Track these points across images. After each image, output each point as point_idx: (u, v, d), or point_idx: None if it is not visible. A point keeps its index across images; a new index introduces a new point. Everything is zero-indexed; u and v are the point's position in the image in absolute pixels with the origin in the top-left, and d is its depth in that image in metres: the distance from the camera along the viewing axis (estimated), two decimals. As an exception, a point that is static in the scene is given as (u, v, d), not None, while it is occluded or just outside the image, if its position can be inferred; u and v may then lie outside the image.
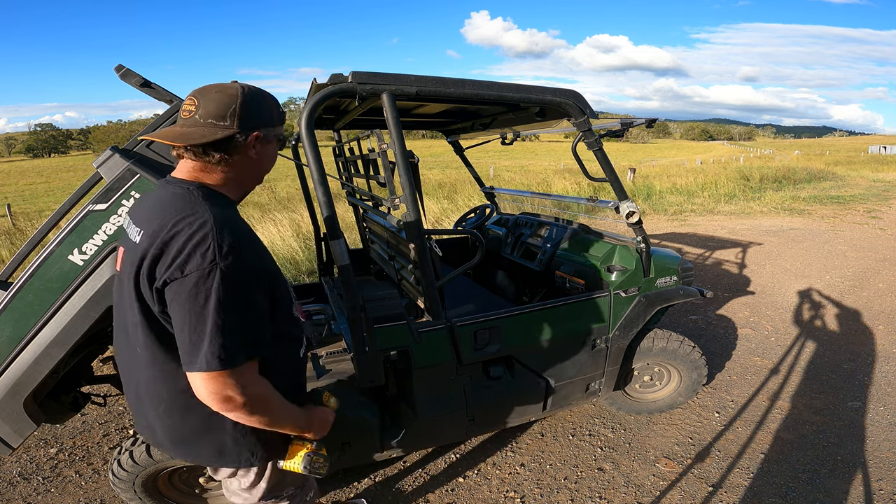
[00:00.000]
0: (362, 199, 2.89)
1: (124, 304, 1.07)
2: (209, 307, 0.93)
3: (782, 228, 8.29)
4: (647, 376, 2.80)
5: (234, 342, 0.95)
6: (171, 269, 0.94)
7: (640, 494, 2.26)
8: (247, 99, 1.04)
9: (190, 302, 0.93)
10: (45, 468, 2.49)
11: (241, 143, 1.05)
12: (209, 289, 0.93)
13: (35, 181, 31.43)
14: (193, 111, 1.02)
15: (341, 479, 2.34)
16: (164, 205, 1.03)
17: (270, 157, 1.16)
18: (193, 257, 0.93)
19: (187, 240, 0.95)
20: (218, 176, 1.09)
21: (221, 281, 0.94)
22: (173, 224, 0.97)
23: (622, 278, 2.38)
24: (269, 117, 1.10)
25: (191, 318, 0.94)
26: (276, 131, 1.13)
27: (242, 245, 0.99)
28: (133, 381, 1.16)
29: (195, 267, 0.93)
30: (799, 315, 4.38)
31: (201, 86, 1.06)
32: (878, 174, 19.86)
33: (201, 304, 0.93)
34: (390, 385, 2.07)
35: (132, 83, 1.69)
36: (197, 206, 1.01)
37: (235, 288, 0.96)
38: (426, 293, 1.91)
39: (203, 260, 0.93)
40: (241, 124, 1.03)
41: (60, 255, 1.56)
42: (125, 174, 1.56)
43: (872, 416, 2.82)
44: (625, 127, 2.24)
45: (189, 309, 0.94)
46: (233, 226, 1.01)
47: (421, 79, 1.72)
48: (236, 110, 1.02)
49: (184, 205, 1.01)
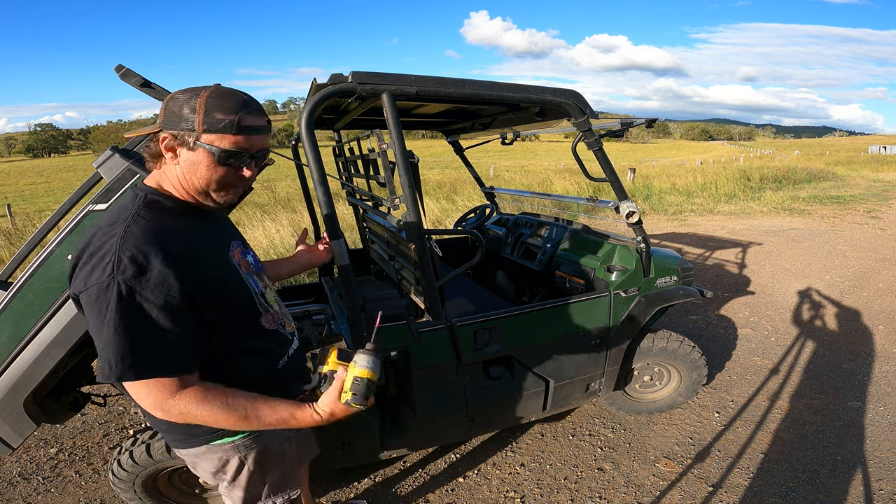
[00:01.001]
0: (362, 199, 2.89)
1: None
2: (108, 323, 0.91)
3: (782, 228, 8.29)
4: (647, 376, 2.81)
5: (131, 359, 0.92)
6: (77, 282, 0.95)
7: (640, 494, 2.26)
8: (183, 97, 0.99)
9: (94, 315, 0.93)
10: (45, 468, 2.49)
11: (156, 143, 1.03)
12: (106, 304, 0.91)
13: (35, 181, 31.43)
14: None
15: (341, 479, 2.34)
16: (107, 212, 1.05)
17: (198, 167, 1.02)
18: (95, 271, 0.92)
19: (93, 252, 0.95)
20: (167, 178, 1.07)
21: (118, 295, 0.90)
22: (92, 234, 0.99)
23: (622, 278, 2.38)
24: (183, 121, 0.98)
25: (95, 330, 0.93)
26: (198, 138, 0.99)
27: (148, 257, 0.93)
28: None
29: (95, 280, 0.92)
30: (799, 315, 4.38)
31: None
32: (878, 174, 19.86)
33: (101, 318, 0.91)
34: (390, 385, 2.07)
35: (132, 83, 1.69)
36: (122, 214, 1.00)
37: (134, 304, 0.92)
38: (426, 293, 1.91)
39: (102, 273, 0.91)
40: (163, 122, 1.00)
41: (60, 255, 1.55)
42: (125, 174, 1.55)
43: (872, 416, 2.82)
44: (625, 127, 2.24)
45: (94, 322, 0.93)
46: (150, 237, 0.96)
47: (421, 79, 1.72)
48: (165, 107, 1.01)
49: (116, 212, 1.02)
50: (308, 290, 3.06)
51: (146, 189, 1.06)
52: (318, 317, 2.33)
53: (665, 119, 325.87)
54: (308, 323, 2.24)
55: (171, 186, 1.07)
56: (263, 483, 1.29)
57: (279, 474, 1.31)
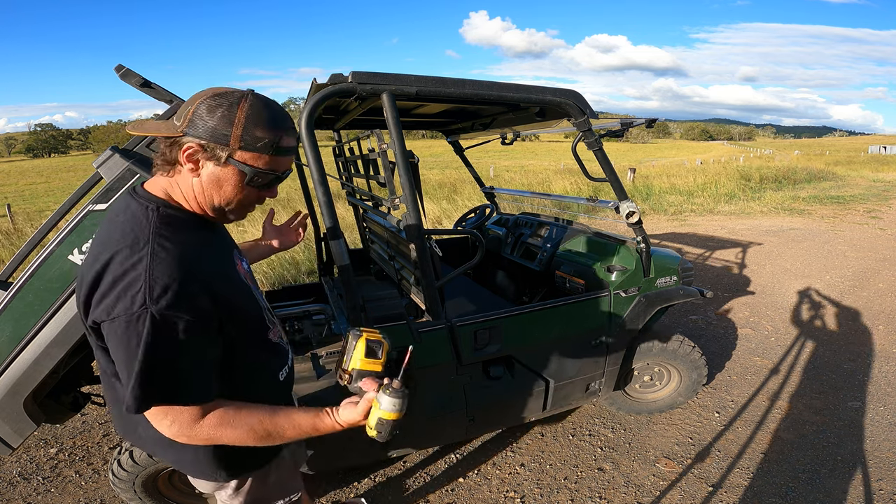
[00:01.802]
0: (362, 199, 2.89)
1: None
2: (138, 354, 0.85)
3: (782, 228, 8.29)
4: (647, 376, 2.80)
5: (162, 389, 0.88)
6: (100, 310, 0.87)
7: (640, 494, 2.26)
8: (215, 103, 0.88)
9: (122, 346, 0.86)
10: (45, 468, 2.49)
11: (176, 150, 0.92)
12: (139, 334, 0.84)
13: (35, 181, 31.42)
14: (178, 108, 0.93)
15: (341, 479, 2.34)
16: (112, 226, 0.94)
17: (223, 185, 0.94)
18: (123, 299, 0.85)
19: (118, 278, 0.86)
20: (177, 190, 0.97)
21: (151, 326, 0.84)
22: (110, 256, 0.88)
23: (622, 278, 2.38)
24: (221, 134, 0.88)
25: (123, 361, 0.87)
26: (241, 156, 0.91)
27: (182, 284, 0.87)
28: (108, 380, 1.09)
29: (123, 310, 0.84)
30: (799, 315, 4.38)
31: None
32: (878, 174, 19.86)
33: (132, 349, 0.85)
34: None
35: (132, 83, 1.69)
36: (141, 233, 0.90)
37: (168, 333, 0.86)
38: (426, 293, 1.91)
39: (133, 303, 0.84)
40: (188, 128, 0.89)
41: (60, 255, 1.56)
42: (125, 174, 1.55)
43: (872, 416, 2.82)
44: (625, 127, 2.24)
45: (122, 352, 0.87)
46: (173, 261, 0.89)
47: (421, 79, 1.72)
48: (190, 112, 0.89)
49: (130, 230, 0.91)
50: (308, 290, 3.06)
51: (156, 201, 0.96)
52: (318, 317, 2.33)
53: (665, 119, 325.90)
54: (308, 323, 2.24)
55: (182, 197, 0.97)
56: (265, 489, 1.27)
57: (278, 479, 1.29)
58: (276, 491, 1.29)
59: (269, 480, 1.26)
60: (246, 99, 0.90)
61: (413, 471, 2.42)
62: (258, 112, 0.90)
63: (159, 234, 0.91)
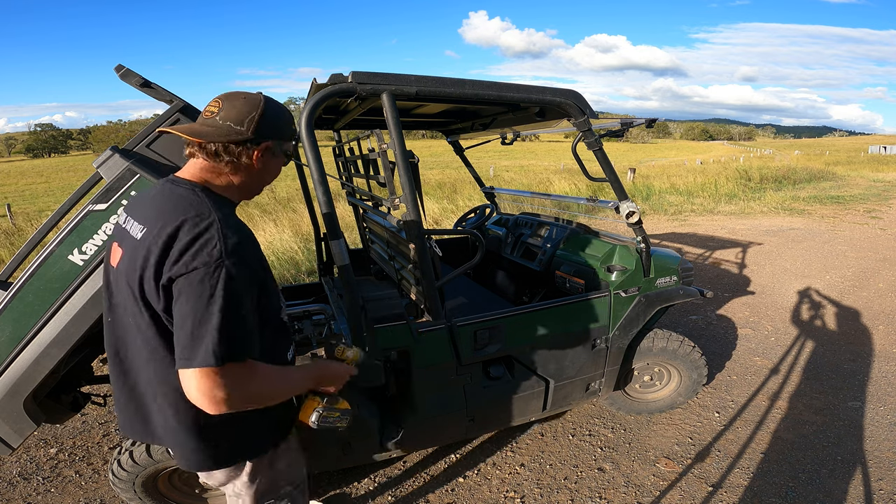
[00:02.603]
0: (362, 199, 2.89)
1: (122, 299, 1.07)
2: (214, 304, 0.93)
3: (782, 228, 8.29)
4: (647, 376, 2.81)
5: (232, 340, 0.94)
6: (178, 265, 0.94)
7: (640, 494, 2.26)
8: (266, 110, 1.08)
9: (195, 297, 0.93)
10: (45, 468, 2.49)
11: (250, 151, 1.08)
12: (214, 285, 0.93)
13: (35, 181, 31.41)
14: (216, 112, 1.06)
15: (341, 479, 2.34)
16: (168, 203, 1.03)
17: (274, 170, 1.18)
18: (200, 254, 0.94)
19: (195, 237, 0.96)
20: (224, 179, 1.11)
21: (227, 278, 0.94)
22: (180, 222, 0.98)
23: (622, 278, 2.38)
24: (282, 132, 1.13)
25: (194, 314, 0.93)
26: (285, 146, 1.16)
27: (245, 246, 1.00)
28: (128, 378, 1.14)
29: (202, 263, 0.94)
30: (799, 315, 4.38)
31: (228, 91, 1.12)
32: (878, 174, 19.86)
33: (206, 300, 0.93)
34: (390, 385, 2.07)
35: (132, 83, 1.69)
36: (202, 206, 1.02)
37: (238, 287, 0.96)
38: (426, 293, 1.91)
39: (210, 257, 0.94)
40: (255, 132, 1.06)
41: (60, 255, 1.56)
42: (125, 174, 1.55)
43: (872, 416, 2.82)
44: (625, 127, 2.24)
45: (193, 304, 0.93)
46: (236, 226, 1.02)
47: (421, 79, 1.72)
48: (255, 118, 1.06)
49: (189, 204, 1.02)
50: (308, 290, 3.06)
51: (199, 185, 1.08)
52: (318, 317, 2.33)
53: (665, 119, 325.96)
54: (308, 323, 2.24)
55: (225, 183, 1.11)
56: (274, 475, 1.30)
57: (286, 465, 1.33)
58: (285, 477, 1.33)
59: (278, 466, 1.29)
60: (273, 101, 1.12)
61: (413, 471, 2.42)
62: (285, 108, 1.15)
63: (218, 208, 1.03)
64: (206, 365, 0.92)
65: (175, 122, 1.69)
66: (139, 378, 1.11)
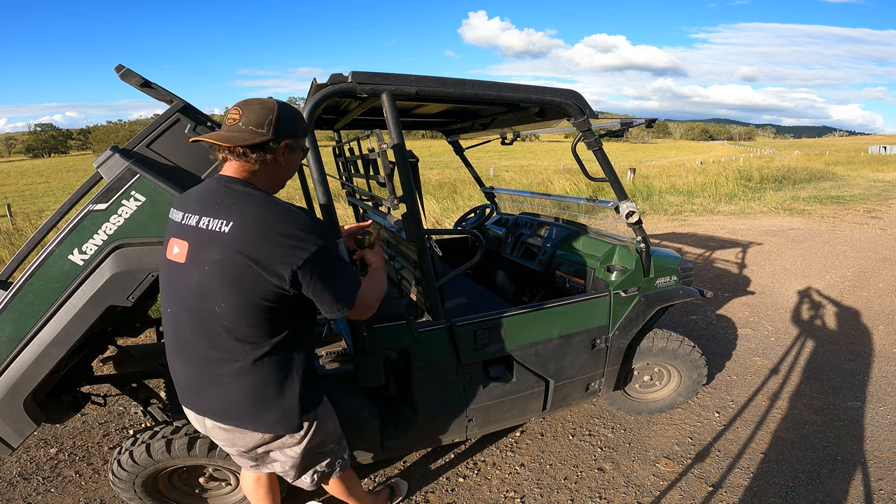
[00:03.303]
0: (362, 199, 2.89)
1: (195, 284, 1.21)
2: (336, 270, 1.26)
3: (782, 228, 8.29)
4: (647, 376, 2.80)
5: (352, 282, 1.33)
6: (297, 250, 1.17)
7: (640, 494, 2.26)
8: (281, 112, 1.24)
9: (320, 270, 1.21)
10: (45, 468, 2.49)
11: (273, 149, 1.24)
12: (331, 259, 1.24)
13: (35, 181, 31.41)
14: (237, 119, 1.22)
15: (341, 479, 2.34)
16: (240, 199, 1.20)
17: (294, 165, 1.34)
18: (307, 241, 1.18)
19: (295, 230, 1.18)
20: (258, 177, 1.28)
21: (330, 248, 1.23)
22: (271, 221, 1.18)
23: (622, 278, 2.37)
24: (297, 129, 1.30)
25: (327, 280, 1.23)
26: (300, 142, 1.33)
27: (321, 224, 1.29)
28: (193, 358, 1.29)
29: (314, 246, 1.19)
30: (799, 315, 4.38)
31: (244, 99, 1.26)
32: (878, 174, 19.86)
33: (329, 269, 1.23)
34: (390, 385, 2.06)
35: (132, 83, 1.69)
36: (269, 200, 1.23)
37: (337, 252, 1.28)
38: (426, 293, 1.91)
39: (312, 244, 1.19)
40: (275, 133, 1.22)
41: (60, 255, 1.56)
42: (125, 174, 1.55)
43: (872, 416, 2.82)
44: (625, 127, 2.24)
45: (321, 274, 1.22)
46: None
47: (421, 79, 1.72)
48: (272, 120, 1.22)
49: (263, 201, 1.21)
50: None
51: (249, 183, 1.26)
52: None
53: (665, 119, 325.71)
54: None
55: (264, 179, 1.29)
56: (324, 435, 1.50)
57: (333, 426, 1.55)
58: (333, 437, 1.56)
59: (327, 427, 1.50)
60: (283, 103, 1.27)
61: (413, 471, 2.42)
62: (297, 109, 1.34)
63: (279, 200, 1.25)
64: (351, 307, 1.32)
65: (175, 122, 1.69)
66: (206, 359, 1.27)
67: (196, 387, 1.33)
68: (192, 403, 1.37)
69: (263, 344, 1.25)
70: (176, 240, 1.25)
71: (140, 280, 1.59)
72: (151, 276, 1.59)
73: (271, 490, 1.80)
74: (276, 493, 1.83)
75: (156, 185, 1.56)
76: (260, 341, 1.25)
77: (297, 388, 1.35)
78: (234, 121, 1.22)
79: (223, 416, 1.34)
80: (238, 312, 1.20)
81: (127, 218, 1.56)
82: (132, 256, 1.58)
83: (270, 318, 1.23)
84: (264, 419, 1.33)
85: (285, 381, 1.32)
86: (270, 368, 1.28)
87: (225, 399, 1.30)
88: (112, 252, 1.57)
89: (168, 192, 1.56)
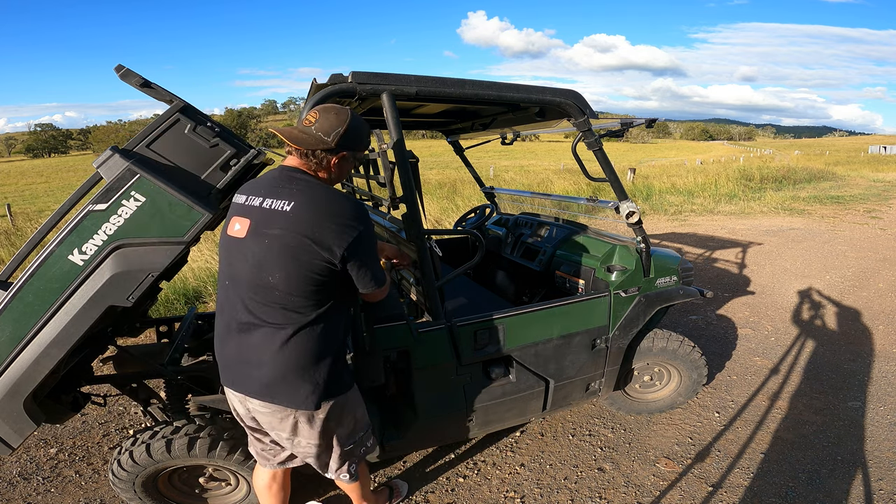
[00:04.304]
0: (362, 200, 2.89)
1: (252, 256, 1.33)
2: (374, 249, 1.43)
3: (782, 228, 8.29)
4: (647, 376, 2.80)
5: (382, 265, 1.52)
6: (348, 231, 1.32)
7: (640, 494, 2.26)
8: (350, 127, 1.38)
9: (365, 249, 1.37)
10: (45, 468, 2.49)
11: (330, 157, 1.39)
12: (371, 241, 1.39)
13: (35, 181, 31.40)
14: (313, 122, 1.36)
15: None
16: (301, 185, 1.35)
17: (345, 172, 1.48)
18: (357, 223, 1.33)
19: (347, 214, 1.33)
20: (320, 173, 1.43)
21: (371, 233, 1.39)
22: (326, 200, 1.33)
23: (622, 278, 2.38)
24: (359, 144, 1.44)
25: (369, 259, 1.40)
26: (359, 155, 1.48)
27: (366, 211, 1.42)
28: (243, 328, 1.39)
29: (363, 228, 1.35)
30: (799, 315, 4.38)
31: (325, 104, 1.43)
32: (878, 174, 19.87)
33: (371, 247, 1.40)
34: (390, 385, 2.06)
35: (132, 83, 1.69)
36: (327, 187, 1.39)
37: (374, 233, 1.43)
38: (426, 293, 1.91)
39: (360, 225, 1.34)
40: (337, 144, 1.36)
41: (60, 255, 1.55)
42: (125, 174, 1.55)
43: (872, 416, 2.82)
44: (625, 127, 2.24)
45: (365, 253, 1.37)
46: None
47: (421, 79, 1.73)
48: (340, 132, 1.36)
49: (318, 186, 1.37)
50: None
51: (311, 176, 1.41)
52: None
53: (665, 119, 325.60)
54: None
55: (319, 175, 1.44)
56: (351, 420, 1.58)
57: (362, 412, 1.63)
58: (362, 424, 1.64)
59: (357, 414, 1.60)
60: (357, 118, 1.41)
61: (413, 471, 2.42)
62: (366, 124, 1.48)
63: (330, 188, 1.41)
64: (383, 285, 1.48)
65: (175, 122, 1.69)
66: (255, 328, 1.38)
67: (243, 360, 1.42)
68: (237, 382, 1.46)
69: (309, 313, 1.37)
70: (238, 218, 1.40)
71: (140, 280, 1.59)
72: (151, 277, 1.59)
73: (283, 488, 1.82)
74: (287, 493, 1.85)
75: (156, 186, 1.55)
76: (306, 311, 1.36)
77: (331, 363, 1.45)
78: (309, 123, 1.36)
79: (265, 390, 1.41)
80: (289, 283, 1.32)
81: (127, 218, 1.56)
82: (132, 257, 1.57)
83: (317, 290, 1.35)
84: (299, 393, 1.42)
85: (322, 354, 1.42)
86: (311, 338, 1.39)
87: (267, 370, 1.39)
88: (112, 252, 1.57)
89: (168, 192, 1.56)
